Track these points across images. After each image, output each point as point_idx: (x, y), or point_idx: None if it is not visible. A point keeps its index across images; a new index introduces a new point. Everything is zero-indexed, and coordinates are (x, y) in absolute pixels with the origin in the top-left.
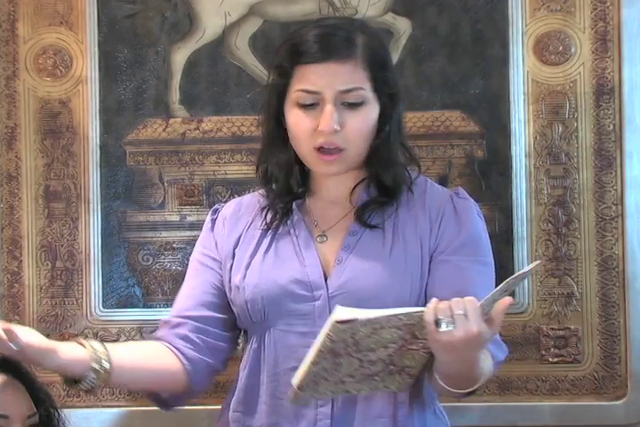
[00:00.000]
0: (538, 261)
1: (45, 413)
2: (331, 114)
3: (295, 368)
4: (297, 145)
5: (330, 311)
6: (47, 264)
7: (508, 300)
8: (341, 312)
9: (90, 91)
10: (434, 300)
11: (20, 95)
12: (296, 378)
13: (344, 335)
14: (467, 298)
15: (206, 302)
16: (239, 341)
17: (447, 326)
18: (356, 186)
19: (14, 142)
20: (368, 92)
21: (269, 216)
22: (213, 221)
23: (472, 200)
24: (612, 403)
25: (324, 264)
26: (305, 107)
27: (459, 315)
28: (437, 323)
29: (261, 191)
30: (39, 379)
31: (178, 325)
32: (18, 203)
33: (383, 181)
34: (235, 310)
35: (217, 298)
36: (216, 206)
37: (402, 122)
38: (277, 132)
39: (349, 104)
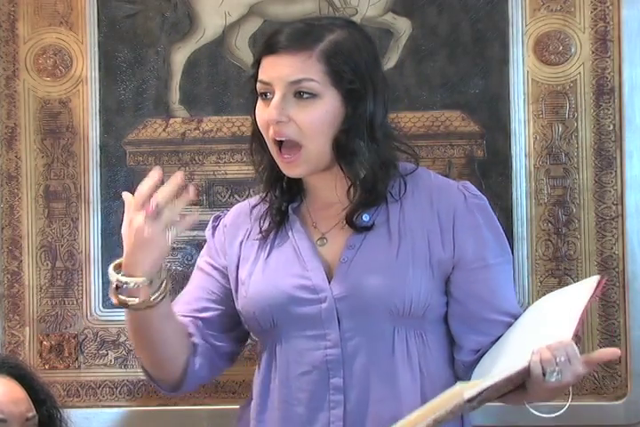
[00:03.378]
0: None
1: (46, 414)
2: (275, 103)
3: (306, 373)
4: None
5: (337, 314)
6: (47, 264)
7: (617, 353)
8: (465, 390)
9: (90, 91)
10: (535, 352)
11: (20, 95)
12: None
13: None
14: (564, 341)
15: (198, 308)
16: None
17: (554, 376)
18: (351, 186)
19: (14, 142)
20: (322, 86)
21: (266, 222)
22: (214, 228)
23: (482, 197)
24: (612, 403)
25: (326, 266)
26: (263, 97)
27: (563, 362)
28: (544, 374)
29: (262, 195)
30: (40, 379)
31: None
32: (18, 203)
33: (351, 177)
34: (243, 320)
35: (211, 303)
36: (218, 213)
37: (374, 118)
38: (258, 131)
39: (301, 96)
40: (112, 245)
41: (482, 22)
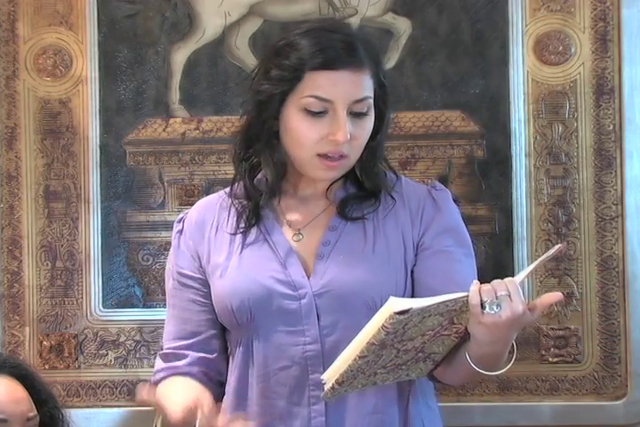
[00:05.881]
0: (559, 245)
1: (48, 414)
2: (345, 123)
3: (285, 368)
4: (296, 150)
5: (316, 310)
6: (47, 264)
7: (559, 295)
8: (396, 303)
9: (90, 91)
10: (475, 283)
11: (20, 95)
12: (334, 373)
13: (398, 326)
14: (507, 279)
15: (198, 322)
16: None
17: (493, 308)
18: (332, 183)
19: (14, 142)
20: (371, 101)
21: (235, 217)
22: (180, 232)
23: (447, 190)
24: (612, 403)
25: (303, 262)
26: (313, 114)
27: (503, 296)
28: (482, 305)
29: (226, 190)
30: (42, 379)
31: (181, 356)
32: (18, 203)
33: (364, 182)
34: (218, 314)
35: (206, 314)
36: (181, 215)
37: (389, 119)
38: (272, 132)
39: (356, 113)
40: (112, 245)
41: (482, 22)
